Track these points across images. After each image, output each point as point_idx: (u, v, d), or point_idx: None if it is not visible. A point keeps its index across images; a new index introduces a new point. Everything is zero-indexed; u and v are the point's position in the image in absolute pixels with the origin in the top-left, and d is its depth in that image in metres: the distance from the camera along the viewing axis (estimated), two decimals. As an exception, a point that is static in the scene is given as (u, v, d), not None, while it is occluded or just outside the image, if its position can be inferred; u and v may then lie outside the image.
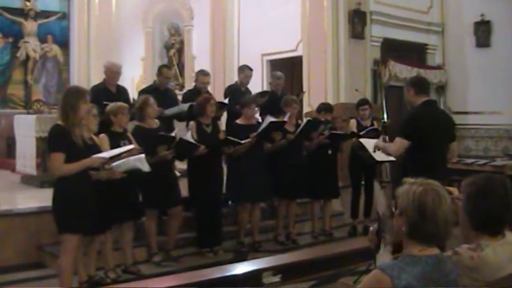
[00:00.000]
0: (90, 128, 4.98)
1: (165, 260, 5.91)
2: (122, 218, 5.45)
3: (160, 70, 7.22)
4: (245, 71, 7.70)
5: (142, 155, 5.10)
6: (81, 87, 4.93)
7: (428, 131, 4.71)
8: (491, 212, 2.42)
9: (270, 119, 6.44)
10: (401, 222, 2.21)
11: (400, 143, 4.73)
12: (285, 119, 6.55)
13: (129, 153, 5.00)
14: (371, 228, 2.66)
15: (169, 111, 6.81)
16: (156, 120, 6.00)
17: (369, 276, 2.19)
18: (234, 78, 8.05)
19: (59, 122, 4.47)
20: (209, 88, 7.68)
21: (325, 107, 7.38)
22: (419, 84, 4.99)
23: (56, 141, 4.45)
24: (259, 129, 6.38)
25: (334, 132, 7.05)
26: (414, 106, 4.89)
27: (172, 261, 5.92)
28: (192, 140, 5.91)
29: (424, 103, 4.81)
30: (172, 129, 6.49)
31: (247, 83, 7.67)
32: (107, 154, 4.73)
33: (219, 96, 7.53)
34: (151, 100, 5.92)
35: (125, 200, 5.32)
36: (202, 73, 7.48)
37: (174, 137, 5.78)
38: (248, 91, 7.57)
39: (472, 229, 2.48)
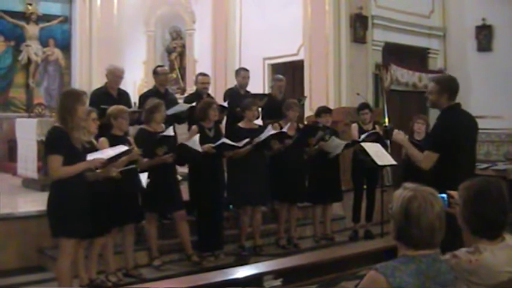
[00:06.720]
0: (89, 130, 4.99)
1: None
2: (122, 221, 5.44)
3: (155, 70, 7.23)
4: (241, 72, 7.74)
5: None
6: (77, 89, 4.92)
7: (461, 140, 4.32)
8: (487, 216, 2.43)
9: (270, 131, 6.43)
10: (393, 225, 2.26)
11: (430, 157, 4.30)
12: (285, 129, 6.53)
13: (128, 155, 5.01)
14: None
15: (169, 111, 6.79)
16: (162, 125, 5.98)
17: (365, 277, 2.22)
18: (235, 82, 8.05)
19: (57, 125, 4.45)
20: (210, 92, 7.68)
21: (324, 109, 7.34)
22: (455, 89, 4.39)
23: (54, 143, 4.43)
24: (259, 140, 6.35)
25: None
26: (439, 107, 4.42)
27: (194, 265, 5.94)
28: (196, 147, 5.81)
29: (453, 107, 4.37)
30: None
31: (246, 84, 7.68)
32: (104, 155, 4.72)
33: (219, 100, 7.52)
34: (163, 107, 5.93)
35: (125, 203, 5.31)
36: (200, 74, 7.59)
37: (171, 136, 5.76)
38: (248, 94, 7.55)
39: (470, 233, 2.49)
